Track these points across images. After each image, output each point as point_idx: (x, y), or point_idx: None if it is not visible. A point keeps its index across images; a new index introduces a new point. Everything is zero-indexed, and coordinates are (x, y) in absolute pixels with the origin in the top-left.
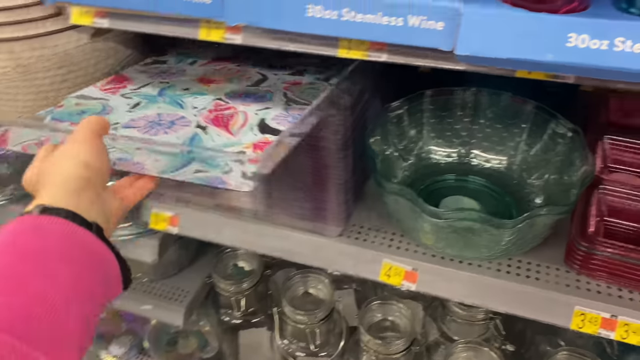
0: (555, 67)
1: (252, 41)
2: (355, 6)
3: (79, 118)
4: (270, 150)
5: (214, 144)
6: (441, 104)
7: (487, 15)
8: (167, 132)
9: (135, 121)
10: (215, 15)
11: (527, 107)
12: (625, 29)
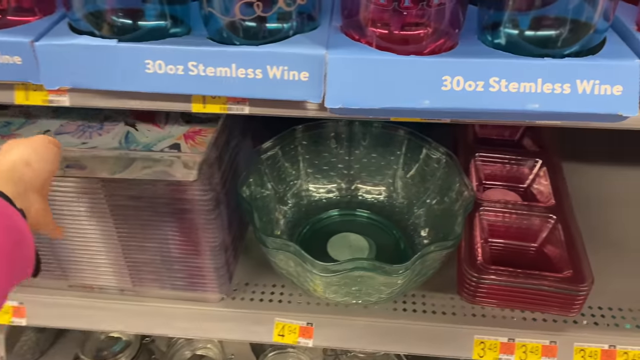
0: (433, 113)
1: (82, 102)
2: (204, 58)
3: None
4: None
5: (147, 139)
6: (315, 138)
7: (354, 61)
8: (101, 134)
9: (65, 126)
10: (31, 79)
11: (399, 133)
12: (498, 67)
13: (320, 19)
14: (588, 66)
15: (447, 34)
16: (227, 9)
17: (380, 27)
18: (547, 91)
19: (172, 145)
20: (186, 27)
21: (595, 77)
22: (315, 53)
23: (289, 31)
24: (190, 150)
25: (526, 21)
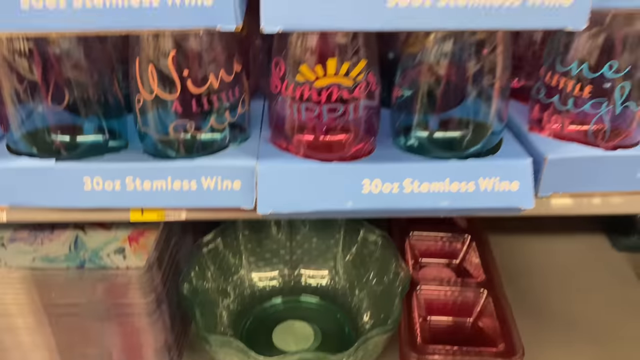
0: (357, 212)
1: (19, 217)
2: (140, 173)
3: None
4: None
5: (95, 244)
6: (256, 227)
7: (281, 170)
8: (52, 239)
9: (17, 233)
10: None
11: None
12: (411, 170)
13: (251, 130)
14: (488, 165)
15: (365, 139)
16: (161, 128)
17: (304, 136)
18: (455, 190)
19: (117, 250)
20: (124, 140)
21: (495, 175)
22: (247, 164)
23: (221, 143)
24: (134, 255)
25: (435, 124)
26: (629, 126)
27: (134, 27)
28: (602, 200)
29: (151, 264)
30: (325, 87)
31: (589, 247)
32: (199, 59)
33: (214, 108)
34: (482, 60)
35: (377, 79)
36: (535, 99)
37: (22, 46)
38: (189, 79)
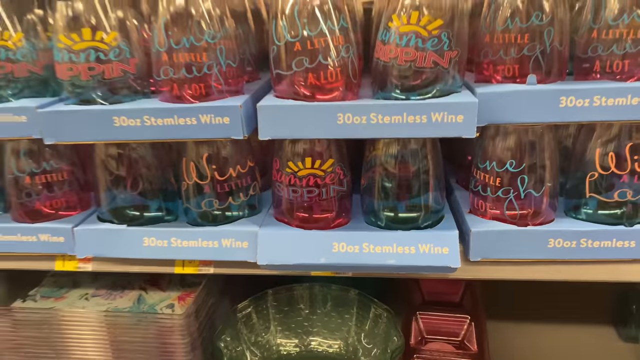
0: (332, 267)
1: (102, 268)
2: (181, 235)
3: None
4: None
5: (153, 300)
6: (284, 300)
7: (276, 235)
8: (122, 296)
9: (97, 291)
10: (67, 250)
11: (351, 294)
12: (368, 236)
13: (262, 206)
14: (425, 235)
15: (341, 216)
16: (197, 204)
17: (295, 213)
18: (400, 252)
19: (168, 305)
20: (175, 215)
21: (430, 242)
22: (252, 230)
23: (237, 216)
24: (180, 309)
25: (400, 207)
26: (538, 207)
27: (182, 137)
28: (520, 268)
29: (189, 313)
30: (305, 176)
31: (595, 337)
32: (223, 158)
33: (233, 191)
34: (419, 163)
35: (345, 172)
36: (471, 189)
37: (113, 151)
38: (216, 171)
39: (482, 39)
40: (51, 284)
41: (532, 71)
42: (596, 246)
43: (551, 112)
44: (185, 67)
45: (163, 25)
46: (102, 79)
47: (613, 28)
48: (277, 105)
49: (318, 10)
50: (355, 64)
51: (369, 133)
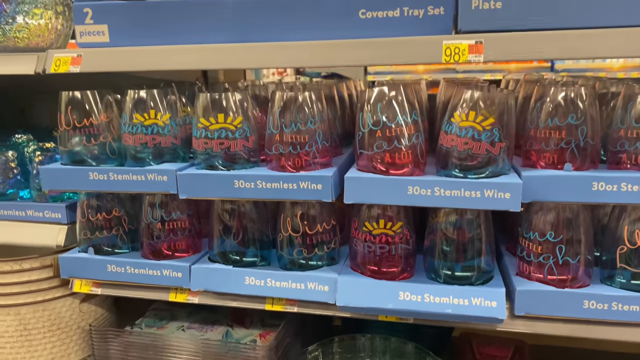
0: (398, 312)
1: (206, 301)
2: (275, 277)
3: (160, 324)
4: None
5: (238, 335)
6: (347, 347)
7: (353, 282)
8: (212, 330)
9: (192, 325)
10: (184, 284)
11: (408, 347)
12: (429, 290)
13: (340, 259)
14: (477, 290)
15: (407, 271)
16: (289, 252)
17: (368, 266)
18: (455, 303)
19: (251, 340)
20: (268, 261)
21: (481, 296)
22: (332, 277)
23: (321, 264)
24: (261, 344)
25: (456, 268)
26: (575, 274)
27: (285, 198)
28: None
29: (271, 347)
30: (378, 235)
31: None
32: (312, 216)
33: (318, 243)
34: (474, 231)
35: (411, 233)
36: (518, 255)
37: (227, 206)
38: (307, 226)
39: (529, 132)
40: (153, 316)
41: (569, 160)
42: (626, 310)
43: (584, 194)
44: (291, 145)
45: (278, 113)
46: (228, 151)
47: (637, 129)
48: (360, 177)
49: (395, 103)
50: (422, 147)
51: (432, 202)
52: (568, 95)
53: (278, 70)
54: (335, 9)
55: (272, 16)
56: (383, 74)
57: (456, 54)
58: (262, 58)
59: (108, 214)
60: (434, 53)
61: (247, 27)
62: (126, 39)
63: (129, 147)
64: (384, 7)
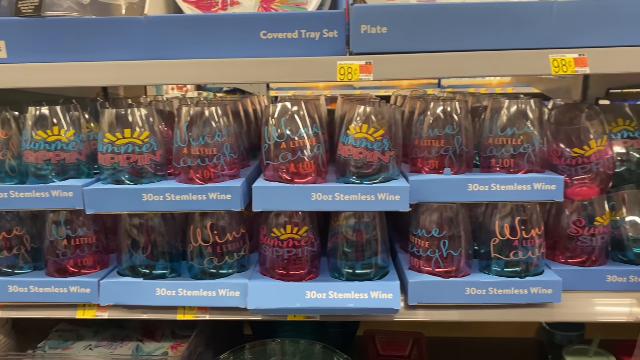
0: (306, 310)
1: (116, 315)
2: (186, 287)
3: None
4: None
5: (149, 349)
6: (258, 353)
7: (263, 286)
8: (122, 347)
9: (100, 343)
10: (92, 300)
11: (316, 347)
12: (333, 287)
13: (250, 266)
14: (375, 284)
15: (313, 272)
16: (200, 262)
17: (277, 269)
18: (357, 297)
19: (163, 353)
20: (178, 273)
21: (379, 290)
22: (243, 282)
23: (231, 272)
24: (173, 357)
25: (357, 266)
26: (458, 265)
27: (195, 209)
28: (447, 312)
29: (183, 357)
30: (285, 240)
31: None
32: (222, 226)
33: (228, 252)
34: (370, 232)
35: (316, 237)
36: (409, 251)
37: (135, 221)
38: (216, 236)
39: (414, 142)
40: (57, 338)
41: (448, 165)
42: (500, 293)
43: (461, 195)
44: (199, 158)
45: (185, 128)
46: (135, 166)
47: (502, 137)
48: (268, 186)
49: (298, 118)
50: (323, 157)
51: (333, 207)
52: (445, 109)
53: (178, 86)
54: (239, 30)
55: (184, 35)
56: (285, 90)
57: (349, 73)
58: (170, 75)
59: (8, 233)
60: (330, 72)
61: (157, 45)
62: (27, 55)
63: (30, 165)
64: (284, 30)
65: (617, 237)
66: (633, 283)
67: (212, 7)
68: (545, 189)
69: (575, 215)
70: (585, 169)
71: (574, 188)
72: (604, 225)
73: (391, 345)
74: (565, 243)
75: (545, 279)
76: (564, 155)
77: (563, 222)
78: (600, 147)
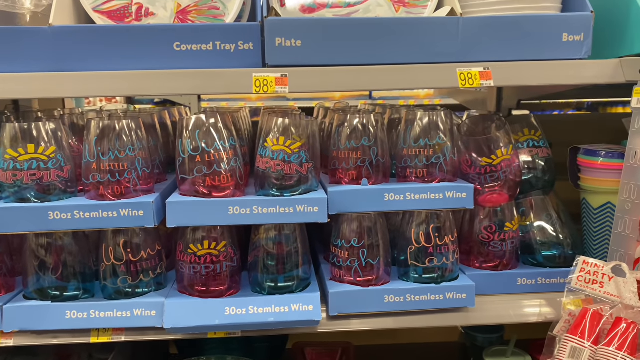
0: (225, 327)
1: (23, 342)
2: (99, 308)
3: None
4: None
5: None
6: None
7: (180, 304)
8: None
9: None
10: None
11: None
12: (253, 302)
13: (167, 284)
14: (295, 297)
15: (233, 287)
16: (113, 282)
17: (196, 286)
18: (277, 310)
19: None
20: (92, 293)
21: (299, 302)
22: (159, 301)
23: (147, 290)
24: None
25: (279, 279)
26: (377, 273)
27: (106, 227)
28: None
29: None
30: (203, 255)
31: None
32: (136, 243)
33: (143, 270)
34: (291, 244)
35: (235, 251)
36: (330, 261)
37: (42, 240)
38: (130, 253)
39: (333, 154)
40: None
41: (365, 176)
42: (417, 300)
43: (378, 204)
44: (110, 173)
45: (94, 142)
46: (41, 183)
47: (415, 148)
48: (182, 201)
49: (213, 130)
50: (242, 170)
51: (252, 220)
52: (361, 121)
53: (107, 98)
54: (151, 41)
55: (92, 46)
56: (217, 101)
57: (265, 85)
58: (76, 87)
59: None
60: (245, 84)
61: (63, 56)
62: None
63: None
64: (198, 41)
65: (527, 241)
66: (541, 285)
67: (125, 18)
68: (457, 197)
69: (487, 222)
70: (493, 176)
71: (484, 195)
72: (513, 230)
73: (320, 356)
74: (479, 248)
75: (459, 284)
76: (474, 164)
77: (476, 228)
78: (507, 156)
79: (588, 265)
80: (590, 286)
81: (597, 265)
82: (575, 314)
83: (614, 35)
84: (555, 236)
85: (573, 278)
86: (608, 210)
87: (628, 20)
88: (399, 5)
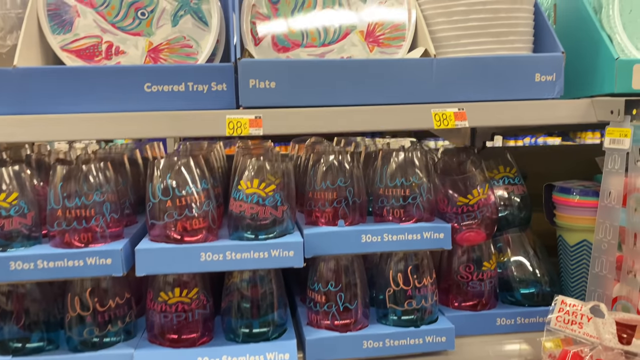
0: None
1: None
2: None
3: None
4: None
5: None
6: None
7: (149, 355)
8: None
9: None
10: None
11: None
12: (226, 351)
13: (137, 332)
14: (272, 345)
15: (206, 335)
16: (79, 333)
17: (167, 335)
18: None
19: None
20: (57, 344)
21: (276, 350)
22: (128, 352)
23: (115, 341)
24: None
25: (254, 324)
26: (355, 317)
27: (71, 276)
28: None
29: None
30: (174, 303)
31: None
32: (103, 293)
33: (112, 319)
34: (266, 287)
35: (208, 297)
36: (307, 305)
37: (2, 289)
38: (97, 303)
39: (308, 195)
40: None
41: (342, 217)
42: (397, 344)
43: (355, 246)
44: (76, 220)
45: (60, 187)
46: (2, 230)
47: (392, 188)
48: (151, 248)
49: (185, 172)
50: (214, 213)
51: (225, 267)
52: (336, 160)
53: None
54: (121, 82)
55: (58, 88)
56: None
57: (239, 127)
58: (44, 131)
59: None
60: (218, 126)
61: (28, 98)
62: None
63: None
64: (169, 82)
65: (505, 278)
66: (520, 324)
67: (94, 57)
68: (434, 238)
69: (464, 260)
70: (470, 215)
71: (462, 234)
72: (491, 270)
73: None
74: (457, 288)
75: (438, 327)
76: (450, 203)
77: (454, 267)
78: (483, 195)
79: (566, 305)
80: (569, 327)
81: (575, 305)
82: (555, 354)
83: (585, 75)
84: (533, 272)
85: (552, 318)
86: (584, 248)
87: (597, 61)
88: (373, 44)
